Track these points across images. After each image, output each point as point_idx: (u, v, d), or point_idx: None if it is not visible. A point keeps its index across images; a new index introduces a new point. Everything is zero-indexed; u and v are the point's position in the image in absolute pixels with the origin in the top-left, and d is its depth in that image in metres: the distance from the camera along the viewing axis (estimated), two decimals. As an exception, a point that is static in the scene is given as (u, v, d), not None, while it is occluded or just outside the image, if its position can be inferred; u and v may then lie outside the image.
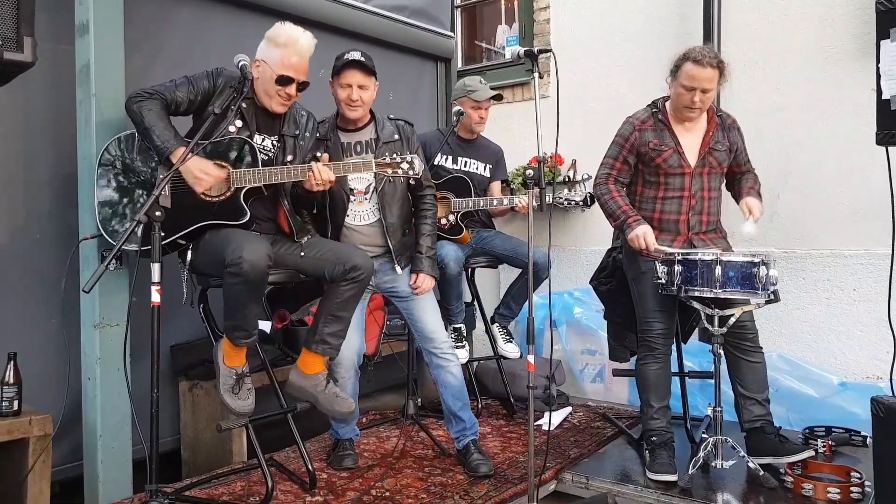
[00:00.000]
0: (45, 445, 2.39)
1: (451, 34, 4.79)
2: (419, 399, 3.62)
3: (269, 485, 2.53)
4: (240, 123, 2.55)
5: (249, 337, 2.48)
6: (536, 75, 2.53)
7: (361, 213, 2.87)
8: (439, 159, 3.57)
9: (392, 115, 2.98)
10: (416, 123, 3.06)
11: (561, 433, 3.38)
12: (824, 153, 3.67)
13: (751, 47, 3.88)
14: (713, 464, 2.68)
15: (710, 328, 2.68)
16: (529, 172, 2.49)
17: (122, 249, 2.23)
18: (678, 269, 2.66)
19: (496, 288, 4.57)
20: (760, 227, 3.74)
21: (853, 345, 3.60)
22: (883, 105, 2.22)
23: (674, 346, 3.06)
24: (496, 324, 3.71)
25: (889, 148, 2.29)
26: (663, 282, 2.71)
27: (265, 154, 2.59)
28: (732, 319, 2.66)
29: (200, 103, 2.54)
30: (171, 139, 2.43)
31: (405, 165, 2.54)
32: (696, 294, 2.63)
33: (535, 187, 2.50)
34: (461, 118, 3.57)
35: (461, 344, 3.52)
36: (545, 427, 3.14)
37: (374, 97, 2.86)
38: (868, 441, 2.94)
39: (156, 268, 2.19)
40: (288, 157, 2.65)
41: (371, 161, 2.56)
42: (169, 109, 2.50)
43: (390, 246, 2.85)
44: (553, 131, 2.50)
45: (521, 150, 4.34)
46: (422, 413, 3.57)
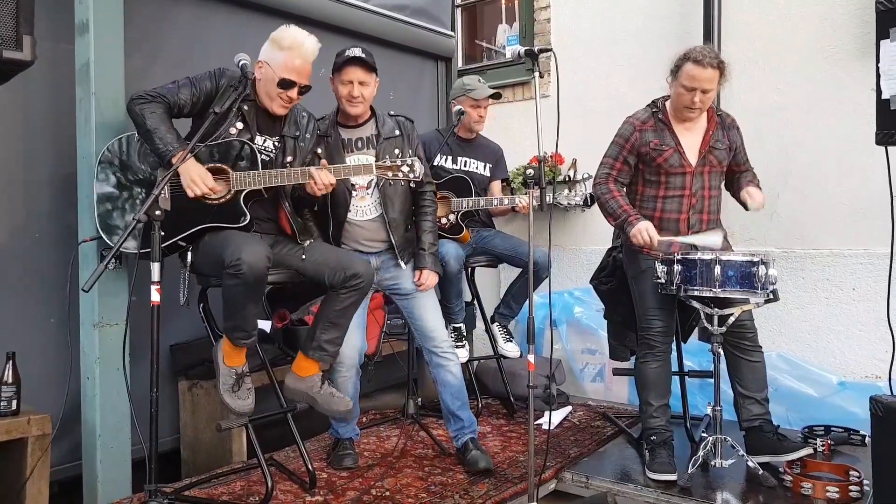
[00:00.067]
0: (44, 445, 2.39)
1: (452, 33, 4.79)
2: (419, 398, 3.62)
3: (269, 484, 2.53)
4: (241, 125, 2.55)
5: (249, 337, 2.48)
6: (537, 75, 2.52)
7: (363, 209, 2.87)
8: (439, 159, 3.57)
9: (392, 112, 2.99)
10: (416, 123, 3.06)
11: (561, 432, 3.38)
12: (824, 153, 3.67)
13: (751, 47, 3.88)
14: (713, 463, 2.68)
15: (709, 327, 2.68)
16: (530, 172, 2.48)
17: (121, 250, 2.23)
18: (677, 268, 2.66)
19: (496, 287, 4.57)
20: (760, 227, 3.79)
21: (852, 344, 3.60)
22: (882, 105, 2.22)
23: (673, 346, 3.06)
24: (496, 323, 3.71)
25: (889, 148, 2.29)
26: (663, 281, 2.71)
27: (266, 155, 2.59)
28: (732, 319, 2.66)
29: (203, 104, 2.53)
30: (173, 142, 2.42)
31: (405, 168, 2.55)
32: (696, 293, 2.63)
33: (536, 187, 2.50)
34: (462, 118, 3.56)
35: (461, 343, 3.52)
36: (545, 426, 3.14)
37: (375, 94, 2.86)
38: (867, 440, 2.94)
39: (155, 267, 2.19)
40: (288, 159, 2.64)
41: (371, 164, 2.58)
42: (171, 112, 2.49)
43: (393, 241, 2.85)
44: (553, 131, 2.50)
45: (521, 150, 4.34)
46: (422, 412, 3.57)
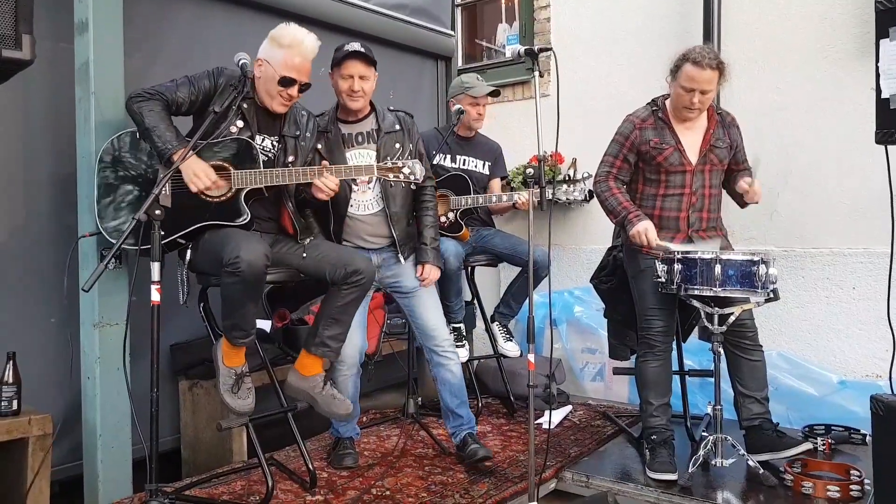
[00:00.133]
0: (45, 445, 2.39)
1: (452, 32, 4.78)
2: (419, 398, 3.62)
3: (270, 484, 2.52)
4: (241, 124, 2.55)
5: (247, 336, 2.48)
6: (537, 74, 2.52)
7: (365, 203, 2.86)
8: (438, 158, 3.56)
9: (392, 107, 2.99)
10: (416, 122, 3.05)
11: (561, 432, 3.38)
12: (824, 152, 3.67)
13: (751, 46, 3.88)
14: (713, 462, 2.68)
15: (709, 327, 2.68)
16: (530, 171, 2.49)
17: (121, 248, 2.23)
18: (678, 267, 2.66)
19: (496, 286, 4.57)
20: (760, 226, 3.79)
21: (853, 343, 3.60)
22: (882, 104, 2.22)
23: (674, 345, 3.06)
24: (496, 322, 3.71)
25: (888, 147, 2.29)
26: (663, 280, 2.71)
27: (266, 154, 2.59)
28: (732, 318, 2.66)
29: (202, 103, 2.53)
30: (172, 140, 2.42)
31: (406, 170, 2.58)
32: (696, 293, 2.63)
33: (536, 186, 2.50)
34: (462, 116, 3.56)
35: (461, 343, 3.52)
36: (545, 426, 3.14)
37: (374, 88, 2.86)
38: (867, 439, 2.94)
39: (155, 267, 2.19)
40: (289, 158, 2.64)
41: (373, 166, 2.60)
42: (170, 110, 2.49)
43: (394, 235, 2.85)
44: (553, 130, 2.50)
45: (521, 149, 4.34)
46: (422, 412, 3.57)
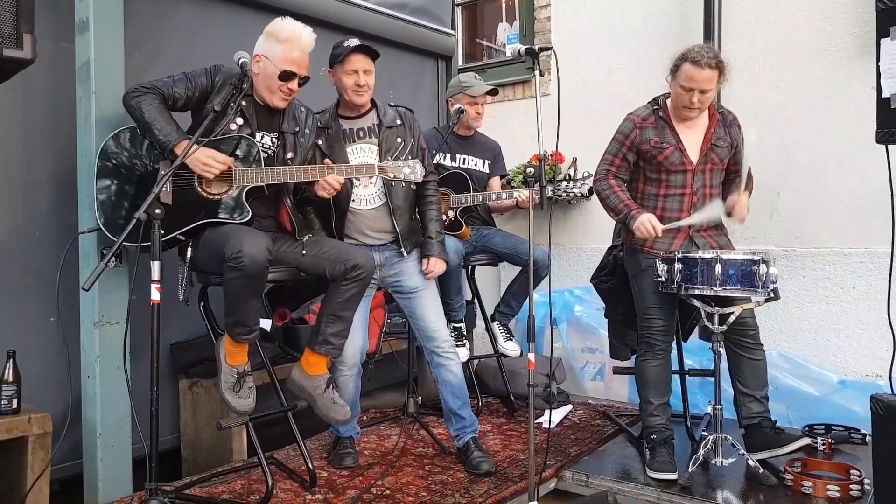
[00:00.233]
0: (45, 444, 2.39)
1: (452, 32, 4.78)
2: (419, 397, 3.62)
3: (270, 483, 2.53)
4: (240, 121, 2.55)
5: (251, 333, 2.47)
6: (537, 73, 2.52)
7: (367, 198, 2.85)
8: (438, 158, 3.56)
9: (392, 103, 2.98)
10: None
11: (561, 431, 3.38)
12: (824, 151, 3.67)
13: (751, 45, 3.88)
14: (713, 461, 2.68)
15: (710, 326, 2.68)
16: (530, 171, 2.48)
17: (121, 246, 2.22)
18: (678, 266, 2.66)
19: (496, 286, 4.57)
20: (760, 226, 3.79)
21: (853, 343, 3.59)
22: (883, 103, 2.22)
23: (674, 344, 3.06)
24: (496, 322, 3.71)
25: (889, 146, 2.29)
26: (663, 280, 2.71)
27: (265, 151, 2.59)
28: (732, 317, 2.66)
29: (198, 100, 2.54)
30: (173, 133, 2.42)
31: (407, 170, 2.59)
32: (696, 292, 2.63)
33: (536, 185, 2.50)
34: (462, 116, 3.56)
35: (461, 342, 3.52)
36: (545, 425, 3.14)
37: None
38: (867, 439, 2.94)
39: (156, 266, 2.19)
40: (289, 155, 2.64)
41: (374, 165, 2.61)
42: (167, 104, 2.49)
43: (397, 230, 2.83)
44: (554, 129, 2.50)
45: (521, 149, 4.33)
46: (422, 411, 3.57)
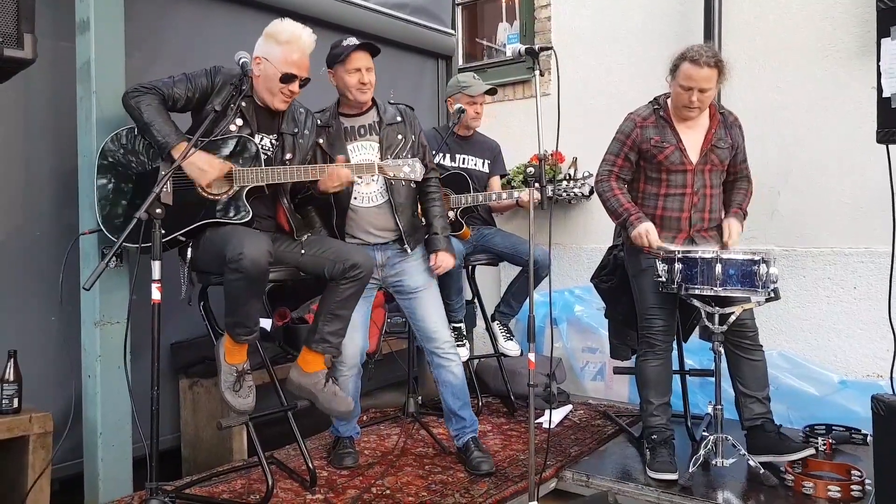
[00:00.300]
0: (46, 443, 2.39)
1: (452, 32, 4.79)
2: (420, 397, 3.62)
3: (270, 483, 2.53)
4: (240, 122, 2.55)
5: (251, 333, 2.48)
6: (537, 73, 2.52)
7: (369, 195, 2.84)
8: (437, 158, 3.56)
9: (392, 100, 2.97)
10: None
11: (561, 431, 3.38)
12: (825, 151, 3.66)
13: (751, 45, 3.87)
14: (713, 462, 2.67)
15: (710, 326, 2.68)
16: (530, 170, 2.48)
17: (122, 246, 2.23)
18: (678, 266, 2.66)
19: (497, 286, 4.57)
20: (761, 226, 3.79)
21: (853, 343, 3.59)
22: (883, 103, 2.22)
23: (674, 344, 3.06)
24: (496, 322, 3.71)
25: (889, 146, 2.28)
26: (664, 280, 2.71)
27: (265, 153, 2.59)
28: (733, 317, 2.66)
29: (198, 101, 2.53)
30: (171, 134, 2.42)
31: (406, 168, 2.59)
32: (697, 292, 2.63)
33: (536, 185, 2.50)
34: (462, 115, 3.56)
35: (461, 342, 3.52)
36: (546, 425, 3.14)
37: None
38: (868, 439, 2.94)
39: (156, 265, 2.18)
40: (287, 156, 2.64)
41: (374, 164, 2.61)
42: (166, 105, 2.49)
43: (400, 226, 2.82)
44: (554, 129, 2.50)
45: (521, 148, 4.33)
46: (422, 411, 3.57)
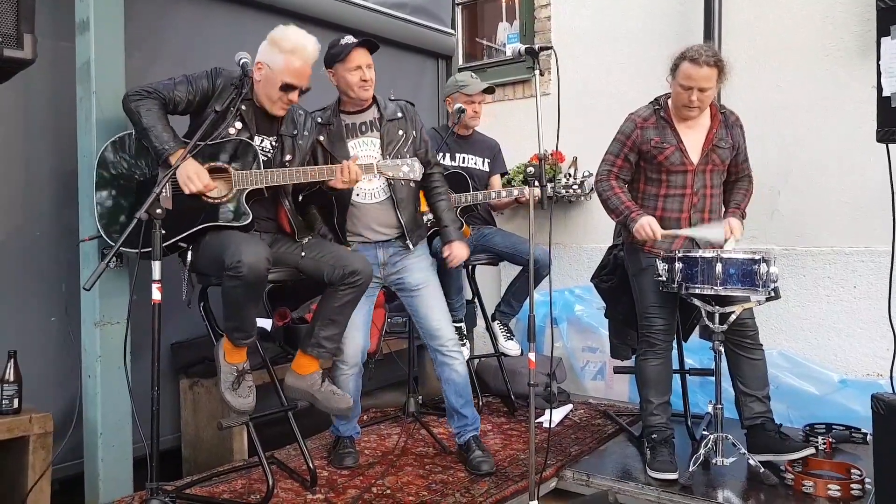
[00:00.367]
0: (46, 443, 2.39)
1: (452, 31, 4.79)
2: (420, 397, 3.62)
3: (270, 483, 2.53)
4: (239, 125, 2.55)
5: (249, 338, 2.49)
6: (537, 73, 2.52)
7: (371, 192, 2.84)
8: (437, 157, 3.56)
9: (393, 97, 2.97)
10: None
11: (562, 431, 3.38)
12: (825, 151, 3.66)
13: (751, 45, 3.87)
14: (714, 461, 2.67)
15: (710, 325, 2.68)
16: (530, 170, 2.48)
17: (121, 249, 2.23)
18: (679, 266, 2.66)
19: (497, 285, 4.57)
20: (761, 225, 3.79)
21: (853, 342, 3.59)
22: (883, 102, 2.22)
23: (674, 344, 3.06)
24: (497, 321, 3.71)
25: (889, 145, 2.29)
26: (664, 279, 2.71)
27: (264, 155, 2.59)
28: (733, 317, 2.66)
29: (199, 103, 2.53)
30: (170, 141, 2.42)
31: (405, 168, 2.60)
32: (697, 291, 2.62)
33: (537, 184, 2.50)
34: (462, 115, 3.56)
35: (462, 342, 3.51)
36: (546, 424, 3.14)
37: None
38: (868, 438, 2.94)
39: (156, 265, 2.19)
40: (287, 157, 2.64)
41: (373, 164, 2.61)
42: (167, 108, 2.49)
43: (402, 222, 2.82)
44: (554, 129, 2.50)
45: (521, 148, 4.33)
46: (423, 411, 3.57)
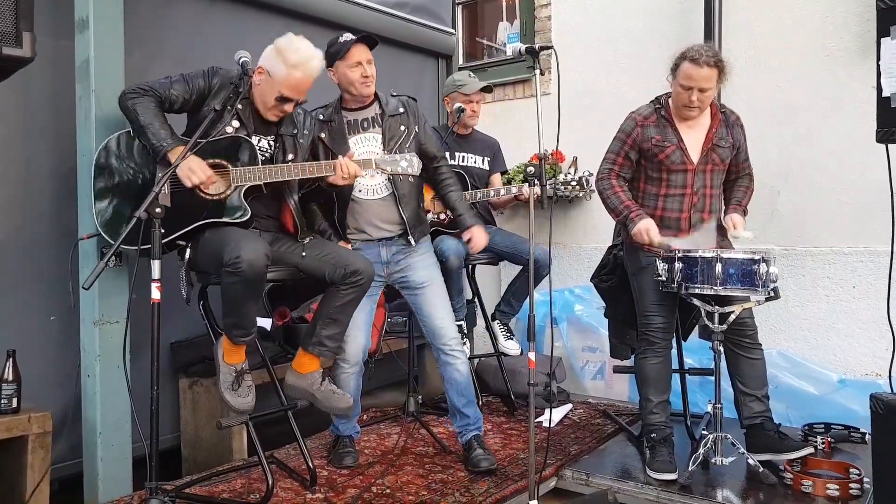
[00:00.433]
0: (45, 443, 2.39)
1: (453, 31, 4.78)
2: (420, 396, 3.62)
3: (270, 482, 2.52)
4: (237, 124, 2.55)
5: (248, 335, 2.48)
6: (537, 72, 2.52)
7: (374, 188, 2.83)
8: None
9: (395, 92, 2.95)
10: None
11: (561, 430, 3.38)
12: (825, 151, 3.67)
13: (752, 45, 3.87)
14: (713, 460, 2.68)
15: (710, 325, 2.68)
16: (530, 170, 2.48)
17: (120, 248, 2.22)
18: (678, 266, 2.66)
19: (497, 285, 4.57)
20: (760, 225, 3.78)
21: (852, 342, 3.60)
22: (883, 102, 2.22)
23: (674, 343, 3.06)
24: (497, 321, 3.71)
25: (889, 145, 2.29)
26: (664, 279, 2.71)
27: (263, 154, 2.58)
28: (732, 316, 2.66)
29: (195, 102, 2.53)
30: (167, 138, 2.42)
31: (404, 163, 2.58)
32: (697, 291, 2.62)
33: (537, 184, 2.50)
34: (462, 115, 3.56)
35: (462, 341, 3.51)
36: (546, 424, 3.14)
37: None
38: (867, 438, 2.95)
39: (156, 265, 2.18)
40: (289, 156, 2.64)
41: (372, 160, 2.60)
42: (163, 106, 2.49)
43: (404, 218, 2.81)
44: (554, 128, 2.50)
45: (522, 148, 4.33)
46: (422, 410, 3.57)
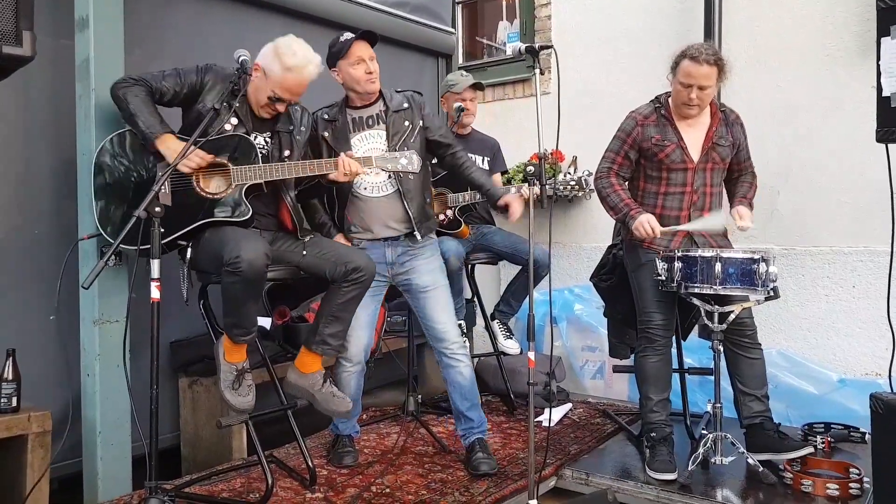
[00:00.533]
0: (45, 442, 2.39)
1: (452, 30, 4.78)
2: (419, 396, 3.62)
3: (269, 481, 2.52)
4: (235, 121, 2.55)
5: (248, 334, 2.48)
6: (537, 72, 2.52)
7: (378, 185, 2.80)
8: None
9: (399, 88, 2.93)
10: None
11: (561, 430, 3.38)
12: (825, 151, 3.67)
13: (752, 45, 3.88)
14: (712, 460, 2.68)
15: (709, 325, 2.68)
16: (530, 169, 2.48)
17: (120, 247, 2.22)
18: (678, 265, 2.66)
19: (496, 284, 4.57)
20: (760, 225, 3.79)
21: (852, 342, 3.60)
22: (883, 102, 2.22)
23: (674, 342, 3.06)
24: (496, 320, 3.71)
25: (889, 145, 2.29)
26: (663, 278, 2.71)
27: (261, 151, 2.58)
28: (732, 316, 2.66)
29: (185, 96, 2.54)
30: (156, 125, 2.43)
31: (403, 161, 2.57)
32: (696, 290, 2.63)
33: (537, 183, 2.49)
34: (462, 114, 3.56)
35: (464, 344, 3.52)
36: (545, 423, 3.14)
37: None
38: (867, 437, 2.95)
39: (155, 264, 2.18)
40: (285, 153, 2.64)
41: (371, 157, 2.59)
42: (154, 97, 2.50)
43: (410, 214, 2.78)
44: (554, 128, 2.50)
45: (521, 147, 4.33)
46: (422, 409, 3.57)
